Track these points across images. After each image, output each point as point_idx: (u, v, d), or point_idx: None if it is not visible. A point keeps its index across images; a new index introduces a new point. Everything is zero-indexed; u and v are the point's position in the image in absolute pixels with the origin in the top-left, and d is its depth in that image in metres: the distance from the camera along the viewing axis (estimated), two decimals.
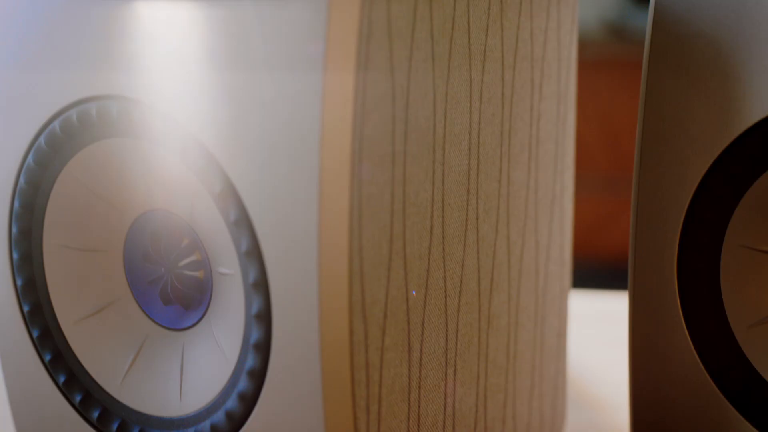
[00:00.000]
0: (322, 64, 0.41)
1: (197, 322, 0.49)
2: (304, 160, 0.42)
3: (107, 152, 0.48)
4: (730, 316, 0.51)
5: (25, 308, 0.52)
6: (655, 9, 0.51)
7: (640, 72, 0.52)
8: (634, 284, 0.53)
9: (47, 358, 0.52)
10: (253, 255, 0.44)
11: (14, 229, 0.51)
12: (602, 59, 2.58)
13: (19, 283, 0.52)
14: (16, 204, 0.51)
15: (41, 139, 0.49)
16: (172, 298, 0.50)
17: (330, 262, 0.42)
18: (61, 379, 0.51)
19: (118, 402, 0.50)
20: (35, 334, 0.52)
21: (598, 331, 0.80)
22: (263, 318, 0.44)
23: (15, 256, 0.51)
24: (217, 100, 0.43)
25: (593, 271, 2.43)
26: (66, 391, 0.51)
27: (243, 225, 0.44)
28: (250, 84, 0.42)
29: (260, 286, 0.44)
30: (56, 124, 0.48)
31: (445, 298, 0.49)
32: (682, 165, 0.50)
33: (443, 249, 0.48)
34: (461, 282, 0.50)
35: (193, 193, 0.46)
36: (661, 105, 0.51)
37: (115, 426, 0.50)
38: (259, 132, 0.43)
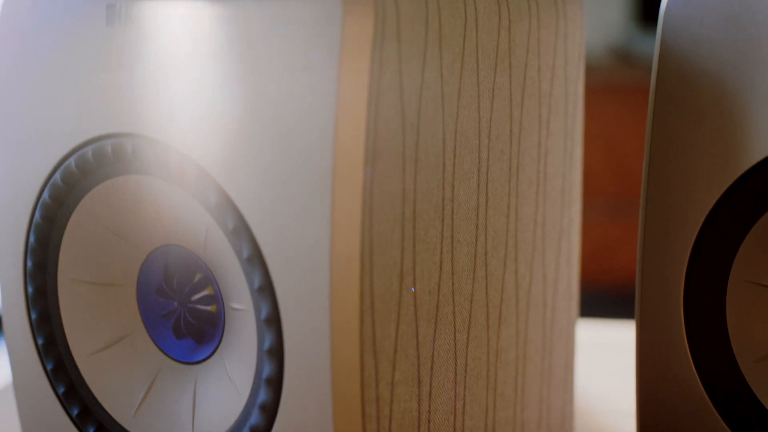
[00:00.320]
0: (334, 104, 0.41)
1: (210, 356, 0.50)
2: (316, 198, 0.42)
3: (122, 188, 0.49)
4: (736, 351, 0.51)
5: (40, 341, 0.52)
6: (661, 47, 0.51)
7: (645, 97, 0.53)
8: (641, 317, 0.54)
9: (61, 390, 0.52)
10: (266, 291, 0.44)
11: (29, 263, 0.52)
12: (608, 84, 2.59)
13: (33, 316, 0.52)
14: (32, 239, 0.52)
15: (57, 176, 0.50)
16: (185, 332, 0.51)
17: (341, 298, 0.43)
18: (75, 412, 0.52)
19: None
20: (49, 366, 0.52)
21: (605, 360, 0.81)
22: (275, 353, 0.45)
23: (30, 289, 0.52)
24: (231, 139, 0.44)
25: (599, 296, 2.43)
26: (79, 423, 0.52)
27: (256, 262, 0.44)
28: (264, 124, 0.43)
29: (272, 321, 0.44)
30: (72, 161, 0.49)
31: (455, 332, 0.50)
32: (688, 201, 0.51)
33: (452, 284, 0.49)
34: (470, 316, 0.51)
35: (206, 230, 0.47)
36: (667, 142, 0.52)
37: None
38: (272, 170, 0.43)
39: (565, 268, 0.59)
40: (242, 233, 0.44)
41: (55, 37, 0.50)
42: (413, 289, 0.46)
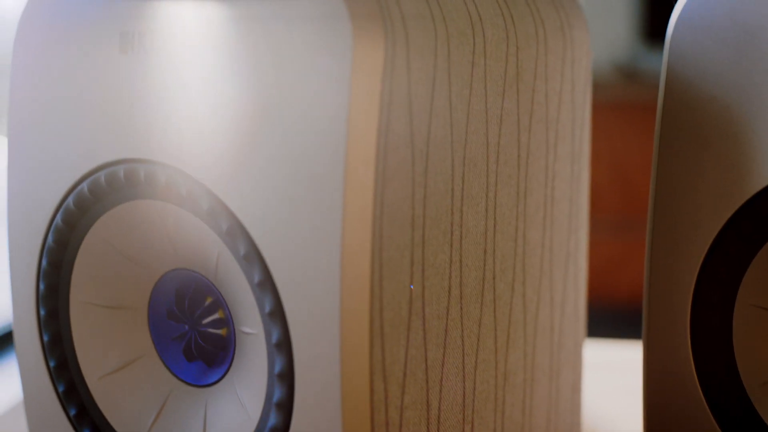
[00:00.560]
0: (344, 131, 0.42)
1: (220, 379, 0.50)
2: (327, 224, 0.43)
3: (134, 213, 0.50)
4: (743, 374, 0.52)
5: (51, 363, 0.53)
6: (668, 74, 0.52)
7: (651, 114, 0.53)
8: (648, 339, 0.54)
9: (72, 412, 0.53)
10: (277, 316, 0.45)
11: (42, 286, 0.52)
12: (614, 101, 2.60)
13: (45, 338, 0.53)
14: (44, 262, 0.52)
15: (70, 200, 0.51)
16: (196, 355, 0.51)
17: (352, 323, 0.43)
18: None
19: None
20: (61, 388, 0.53)
21: (612, 380, 0.81)
22: (286, 377, 0.45)
23: (42, 312, 0.53)
24: (242, 165, 0.45)
25: (605, 313, 2.43)
26: None
27: (267, 286, 0.45)
28: (275, 151, 0.44)
29: (283, 346, 0.45)
30: (85, 185, 0.50)
31: (463, 356, 0.50)
32: (695, 225, 0.52)
33: (461, 308, 0.49)
34: (478, 340, 0.51)
35: (217, 254, 0.48)
36: (673, 166, 0.52)
37: None
38: (283, 196, 0.44)
39: (572, 291, 0.60)
40: (253, 258, 0.45)
41: (69, 62, 0.50)
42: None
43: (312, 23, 0.43)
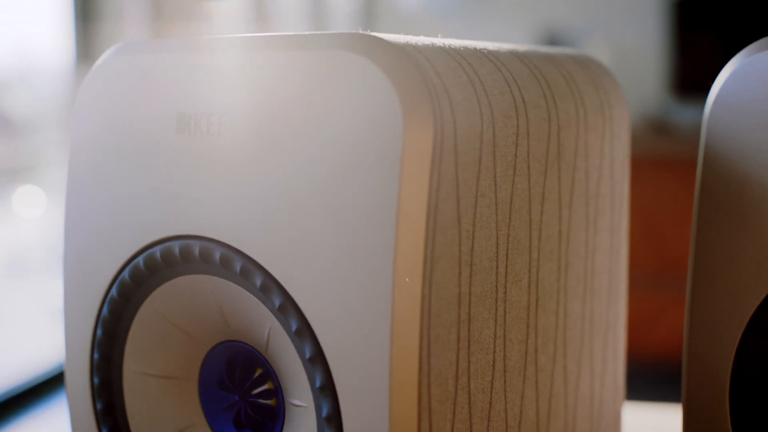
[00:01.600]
0: (395, 214, 0.44)
1: None
2: (378, 302, 0.44)
3: (188, 287, 0.51)
4: None
5: (104, 431, 0.54)
6: (705, 151, 0.53)
7: (682, 168, 0.55)
8: (688, 413, 0.55)
9: None
10: (327, 390, 0.46)
11: (96, 356, 0.54)
12: (645, 155, 2.61)
13: (98, 407, 0.54)
14: (99, 332, 0.54)
15: (125, 273, 0.52)
16: (246, 425, 0.53)
17: (400, 398, 0.45)
18: None
19: None
20: None
21: None
22: None
23: (95, 381, 0.54)
24: (295, 243, 0.46)
25: (639, 369, 2.42)
26: None
27: (317, 361, 0.46)
28: (327, 230, 0.45)
29: (333, 420, 0.46)
30: (140, 259, 0.52)
31: (506, 428, 0.51)
32: (734, 301, 0.53)
33: (504, 382, 0.51)
34: (521, 412, 0.52)
35: (268, 328, 0.49)
36: (711, 243, 0.53)
37: None
38: (335, 274, 0.45)
39: (611, 362, 0.61)
40: (305, 334, 0.46)
41: (128, 140, 0.52)
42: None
43: (364, 109, 0.44)
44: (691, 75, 2.87)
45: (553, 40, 2.79)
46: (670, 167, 2.62)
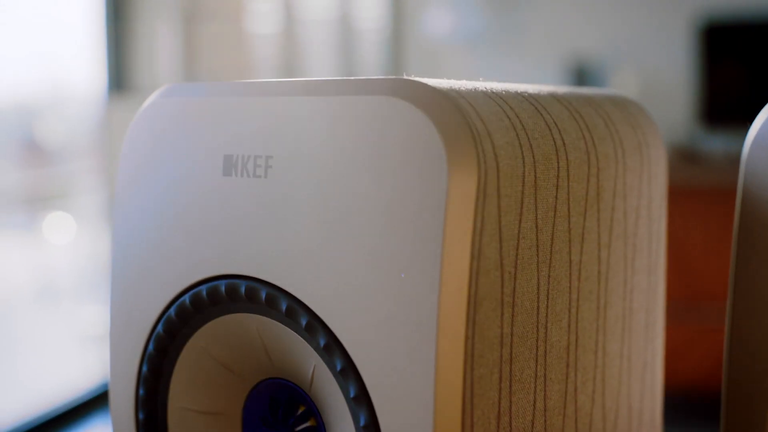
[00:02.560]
0: (439, 256, 0.44)
1: None
2: (422, 343, 0.45)
3: (233, 325, 0.52)
4: None
5: None
6: (743, 193, 0.54)
7: (711, 197, 0.55)
8: None
9: None
10: (371, 428, 0.47)
11: (141, 391, 0.55)
12: (673, 184, 2.60)
13: None
14: (144, 368, 0.55)
15: (171, 311, 0.53)
16: None
17: None
18: None
19: None
20: None
21: None
22: None
23: (140, 416, 0.55)
24: (341, 285, 0.47)
25: (667, 402, 2.41)
26: None
27: (362, 401, 0.47)
28: (372, 272, 0.46)
29: None
30: (187, 298, 0.53)
31: None
32: None
33: (545, 421, 0.51)
34: None
35: (313, 367, 0.50)
36: (750, 277, 0.54)
37: None
38: (379, 315, 0.46)
39: (649, 400, 0.61)
40: (349, 374, 0.47)
41: (175, 180, 0.53)
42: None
43: (409, 153, 0.45)
44: (720, 104, 2.87)
45: (581, 70, 2.80)
46: (699, 196, 2.61)
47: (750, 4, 2.74)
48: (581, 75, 2.76)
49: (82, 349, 2.73)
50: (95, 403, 2.25)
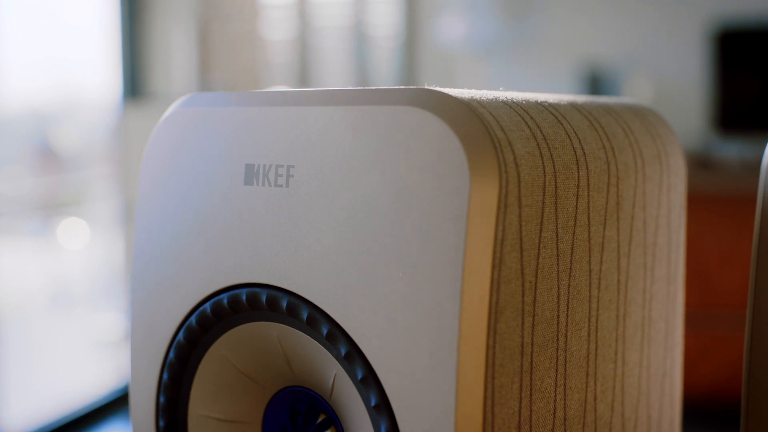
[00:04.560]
0: (461, 266, 0.45)
1: None
2: (442, 352, 0.45)
3: (253, 333, 0.53)
4: None
5: None
6: (764, 201, 0.54)
7: (725, 204, 0.55)
8: None
9: None
10: None
11: (162, 399, 0.55)
12: (687, 191, 2.59)
13: None
14: (165, 376, 0.55)
15: (192, 319, 0.54)
16: None
17: None
18: None
19: None
20: None
21: None
22: None
23: (161, 423, 0.56)
24: (362, 294, 0.48)
25: (684, 409, 2.41)
26: None
27: (382, 409, 0.47)
28: (393, 281, 0.46)
29: None
30: (207, 306, 0.53)
31: None
32: None
33: (565, 430, 0.51)
34: None
35: (333, 376, 0.50)
36: None
37: None
38: (401, 324, 0.46)
39: (668, 409, 0.61)
40: (370, 383, 0.47)
41: (196, 190, 0.54)
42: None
43: (431, 163, 0.46)
44: (734, 110, 2.87)
45: (595, 77, 2.80)
46: (713, 203, 2.61)
47: (764, 11, 2.73)
48: (595, 82, 2.76)
49: (96, 355, 2.74)
50: (109, 408, 2.26)
